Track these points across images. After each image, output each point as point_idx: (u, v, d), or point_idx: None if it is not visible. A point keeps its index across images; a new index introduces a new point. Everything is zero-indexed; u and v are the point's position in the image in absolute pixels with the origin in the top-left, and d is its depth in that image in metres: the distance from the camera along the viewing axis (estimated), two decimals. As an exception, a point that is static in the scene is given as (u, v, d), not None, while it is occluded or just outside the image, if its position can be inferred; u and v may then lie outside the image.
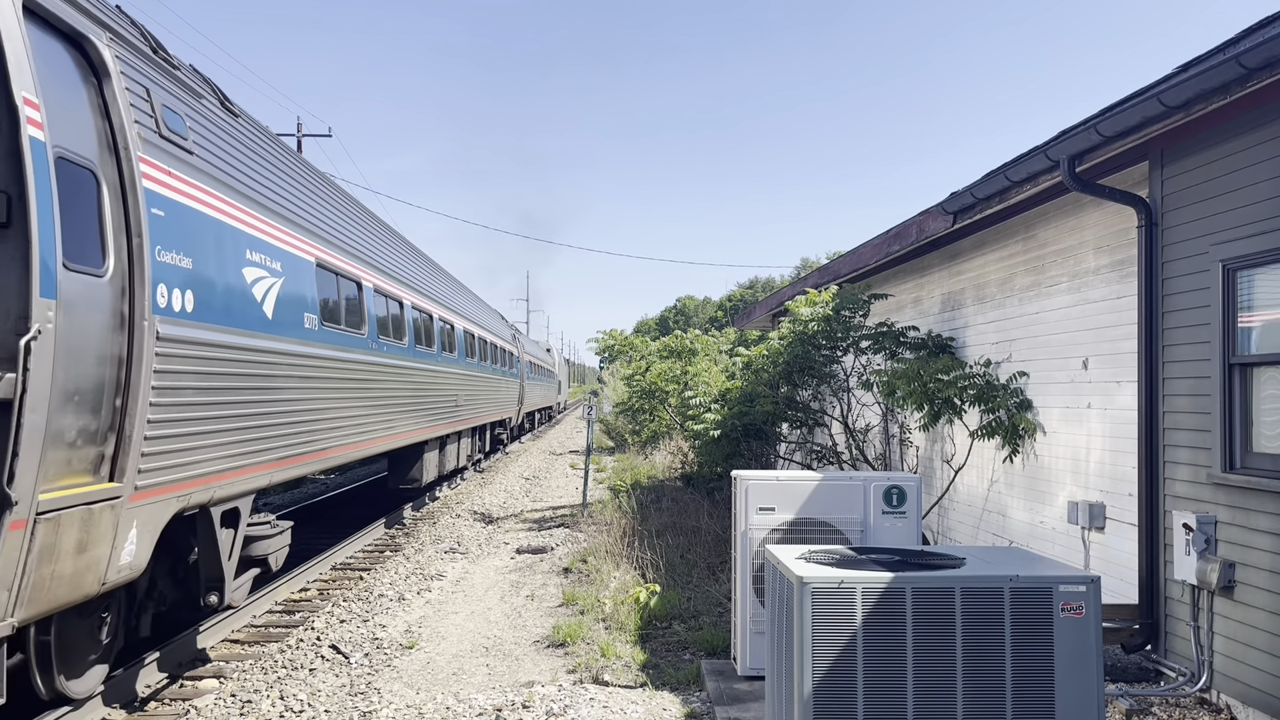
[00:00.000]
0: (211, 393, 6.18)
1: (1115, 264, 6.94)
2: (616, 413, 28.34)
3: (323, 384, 8.58)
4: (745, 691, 5.93)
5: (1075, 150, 6.23)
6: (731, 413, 12.23)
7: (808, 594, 3.83)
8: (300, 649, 7.34)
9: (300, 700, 6.10)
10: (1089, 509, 7.04)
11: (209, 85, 7.39)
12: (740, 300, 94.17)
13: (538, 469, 22.54)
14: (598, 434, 32.70)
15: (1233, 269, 5.55)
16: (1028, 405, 8.09)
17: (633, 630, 7.58)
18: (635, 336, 18.26)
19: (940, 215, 8.43)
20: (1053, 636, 3.87)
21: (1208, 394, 5.68)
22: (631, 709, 5.76)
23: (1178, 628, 5.94)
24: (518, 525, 13.75)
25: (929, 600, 3.85)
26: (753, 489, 6.19)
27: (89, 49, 5.20)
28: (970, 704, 3.83)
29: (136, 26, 6.19)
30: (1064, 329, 7.62)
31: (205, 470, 6.13)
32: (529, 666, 6.88)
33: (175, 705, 6.19)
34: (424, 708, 5.89)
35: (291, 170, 8.96)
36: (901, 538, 6.15)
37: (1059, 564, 4.30)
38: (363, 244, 10.91)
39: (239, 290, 6.71)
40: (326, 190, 10.37)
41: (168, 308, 5.56)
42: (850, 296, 10.69)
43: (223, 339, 6.33)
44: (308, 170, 9.91)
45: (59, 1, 4.95)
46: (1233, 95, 5.04)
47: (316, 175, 10.28)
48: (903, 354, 9.85)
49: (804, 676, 3.82)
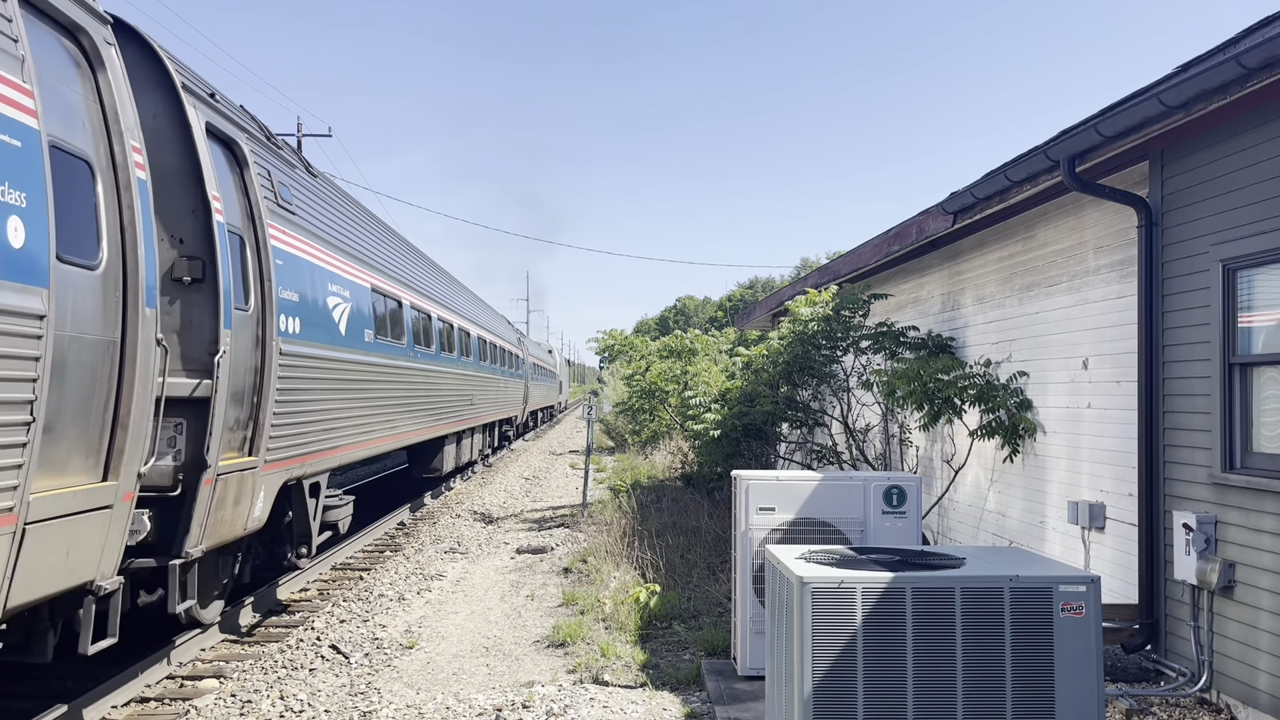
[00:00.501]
0: (308, 392, 8.15)
1: (1115, 264, 6.94)
2: (616, 413, 28.33)
3: (375, 385, 10.60)
4: (745, 691, 5.93)
5: (1075, 150, 6.23)
6: (731, 413, 12.22)
7: (808, 594, 3.83)
8: (300, 649, 7.34)
9: (300, 700, 6.10)
10: (1089, 509, 7.04)
11: (298, 156, 9.55)
12: (740, 300, 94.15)
13: (538, 469, 22.53)
14: (598, 434, 32.68)
15: (1233, 269, 5.55)
16: (1028, 405, 8.09)
17: (633, 630, 7.58)
18: (635, 336, 18.25)
19: (940, 215, 8.43)
20: (1053, 636, 3.87)
21: (1208, 394, 5.68)
22: (631, 709, 5.76)
23: (1178, 628, 5.94)
24: (518, 525, 13.75)
25: (929, 600, 3.85)
26: (753, 489, 6.19)
27: (236, 149, 7.22)
28: (970, 704, 3.83)
29: (255, 121, 8.17)
30: (1064, 329, 7.62)
31: (303, 451, 8.12)
32: (529, 666, 6.88)
33: (175, 705, 6.19)
34: (424, 708, 5.89)
35: (350, 212, 11.28)
36: (901, 538, 6.15)
37: (1059, 564, 4.30)
38: (401, 268, 13.01)
39: (324, 314, 8.71)
40: (375, 225, 12.78)
41: (285, 331, 7.53)
42: (850, 296, 10.69)
43: (315, 352, 8.32)
44: (359, 209, 12.24)
45: (221, 120, 6.99)
46: (1233, 95, 5.03)
47: (367, 213, 12.66)
48: (903, 354, 9.85)
49: (804, 676, 3.82)
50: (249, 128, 7.67)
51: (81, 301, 4.79)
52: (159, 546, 6.03)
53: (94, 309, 4.92)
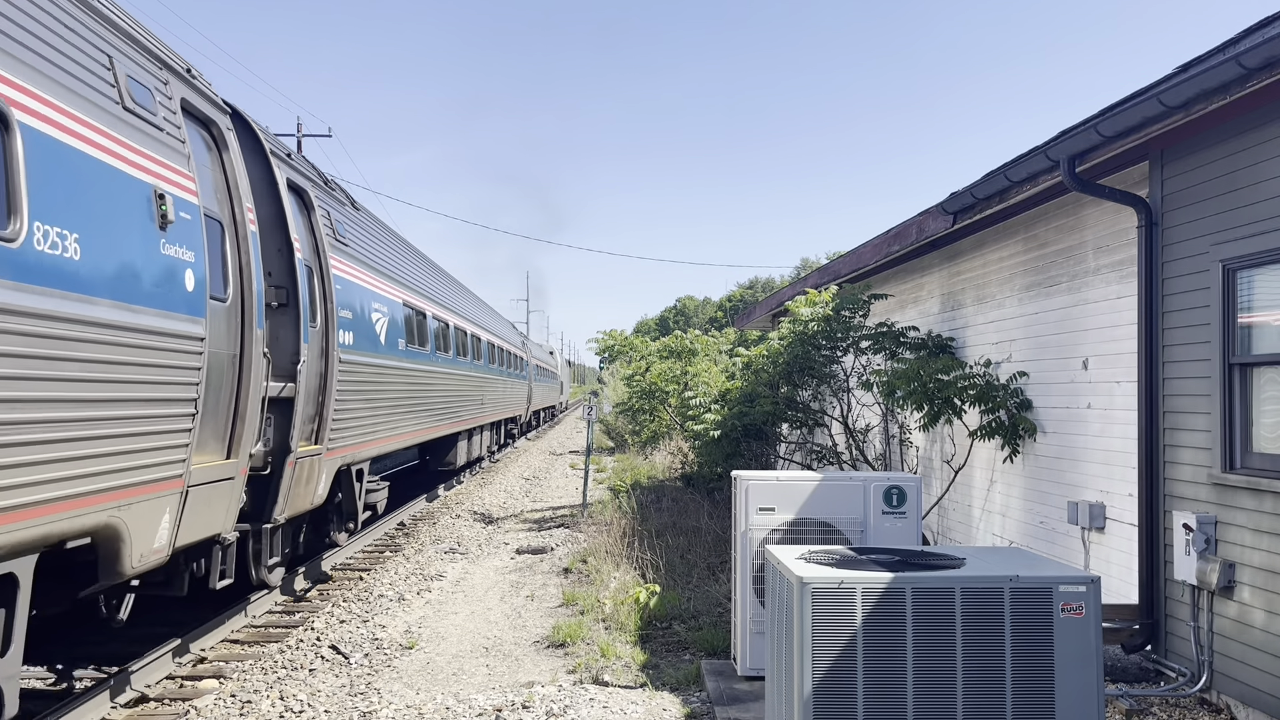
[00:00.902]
0: (358, 392, 9.84)
1: (1115, 264, 6.94)
2: (616, 413, 28.33)
3: (406, 386, 12.14)
4: (745, 691, 5.92)
5: (1075, 150, 6.23)
6: (731, 413, 12.22)
7: (808, 594, 3.83)
8: (300, 649, 7.34)
9: (300, 700, 6.10)
10: (1089, 509, 7.04)
11: (344, 193, 11.40)
12: (740, 300, 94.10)
13: (538, 469, 22.53)
14: (598, 434, 32.68)
15: (1233, 269, 5.55)
16: (1028, 405, 8.09)
17: (633, 630, 7.58)
18: (635, 336, 18.25)
19: (940, 215, 8.43)
20: (1053, 637, 3.87)
21: (1208, 394, 5.68)
22: (631, 709, 5.76)
23: (1178, 628, 5.94)
24: (518, 525, 13.75)
25: (929, 600, 3.85)
26: (753, 489, 6.18)
27: (305, 197, 8.90)
28: (970, 704, 3.82)
29: (316, 170, 10.05)
30: (1064, 329, 7.62)
31: (354, 442, 9.77)
32: (529, 667, 6.88)
33: (175, 705, 6.19)
34: (424, 708, 5.89)
35: (383, 237, 12.97)
36: (901, 538, 6.14)
37: (1059, 564, 4.30)
38: (423, 282, 14.58)
39: (369, 327, 10.42)
40: (402, 246, 14.61)
41: (342, 343, 9.16)
42: (850, 296, 10.69)
43: (363, 359, 10.01)
44: (389, 233, 14.00)
45: (296, 174, 8.70)
46: (1233, 95, 5.03)
47: (395, 236, 14.43)
48: (903, 354, 9.85)
49: (804, 677, 3.82)
50: (313, 178, 9.57)
51: (218, 326, 6.37)
52: (251, 515, 7.47)
53: (224, 331, 6.52)
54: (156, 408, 5.43)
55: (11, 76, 4.30)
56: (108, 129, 5.07)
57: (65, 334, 4.56)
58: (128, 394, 5.15)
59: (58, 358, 4.52)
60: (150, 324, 5.32)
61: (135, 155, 5.32)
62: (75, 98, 4.81)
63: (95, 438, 4.89)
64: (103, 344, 4.87)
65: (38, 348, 4.37)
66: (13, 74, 4.31)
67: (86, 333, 4.73)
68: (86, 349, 4.74)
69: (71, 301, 4.60)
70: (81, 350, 4.70)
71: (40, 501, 4.50)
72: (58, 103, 4.64)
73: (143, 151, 5.41)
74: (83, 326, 4.70)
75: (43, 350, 4.40)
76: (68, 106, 4.72)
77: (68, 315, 4.56)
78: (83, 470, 4.80)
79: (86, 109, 4.90)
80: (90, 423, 4.85)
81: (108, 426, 5.00)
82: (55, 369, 4.51)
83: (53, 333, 4.46)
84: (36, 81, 4.49)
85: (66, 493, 4.69)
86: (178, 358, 5.63)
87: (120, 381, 5.06)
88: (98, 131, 4.97)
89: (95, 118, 4.97)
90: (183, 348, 5.67)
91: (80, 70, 4.93)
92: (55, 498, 4.61)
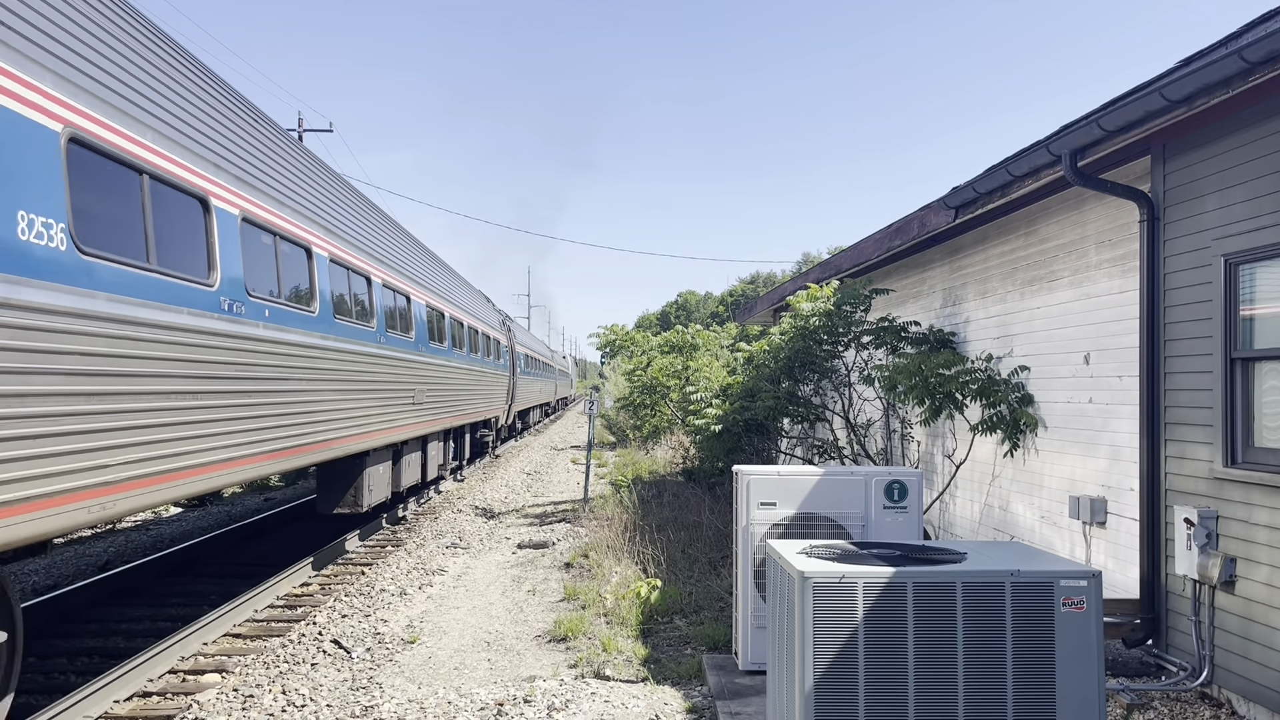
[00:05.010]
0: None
1: (1117, 258, 6.93)
2: (618, 408, 28.35)
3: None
4: (747, 686, 5.93)
5: (1077, 145, 6.22)
6: (733, 408, 12.22)
7: (809, 589, 3.83)
8: (302, 644, 7.35)
9: (302, 695, 6.11)
10: (1090, 504, 7.04)
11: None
12: (742, 295, 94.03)
13: (539, 464, 22.56)
14: (599, 429, 32.70)
15: (1235, 263, 5.54)
16: (1029, 400, 8.08)
17: (634, 625, 7.59)
18: (636, 331, 18.17)
19: (942, 210, 8.42)
20: (1054, 631, 3.87)
21: (1209, 389, 5.68)
22: (633, 703, 5.76)
23: (1179, 622, 5.94)
24: (519, 520, 13.76)
25: (930, 595, 3.85)
26: (754, 484, 6.18)
27: (509, 323, 26.35)
28: (971, 698, 3.83)
29: (502, 310, 26.64)
30: (1066, 324, 7.62)
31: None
32: (530, 661, 6.89)
33: (177, 699, 6.20)
34: (425, 702, 5.90)
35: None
36: (903, 533, 6.14)
37: (1060, 559, 4.30)
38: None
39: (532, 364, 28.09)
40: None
41: (524, 369, 27.61)
42: (852, 291, 10.67)
43: (529, 370, 32.12)
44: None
45: (508, 318, 27.52)
46: (1235, 89, 5.02)
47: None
48: (904, 349, 9.84)
49: (805, 671, 3.82)
50: (504, 312, 24.47)
51: (513, 375, 23.22)
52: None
53: (507, 373, 22.80)
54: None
55: (500, 339, 20.70)
56: (501, 336, 21.97)
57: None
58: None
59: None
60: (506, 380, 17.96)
61: (504, 340, 22.17)
62: (495, 329, 19.39)
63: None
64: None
65: None
66: (502, 337, 8.14)
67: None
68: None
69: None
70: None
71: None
72: (500, 336, 21.43)
73: (500, 339, 21.53)
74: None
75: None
76: (500, 336, 21.75)
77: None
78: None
79: (501, 332, 22.20)
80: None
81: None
82: None
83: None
84: (498, 329, 8.99)
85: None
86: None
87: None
88: (502, 338, 22.03)
89: (500, 334, 21.84)
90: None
91: (495, 321, 21.73)
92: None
